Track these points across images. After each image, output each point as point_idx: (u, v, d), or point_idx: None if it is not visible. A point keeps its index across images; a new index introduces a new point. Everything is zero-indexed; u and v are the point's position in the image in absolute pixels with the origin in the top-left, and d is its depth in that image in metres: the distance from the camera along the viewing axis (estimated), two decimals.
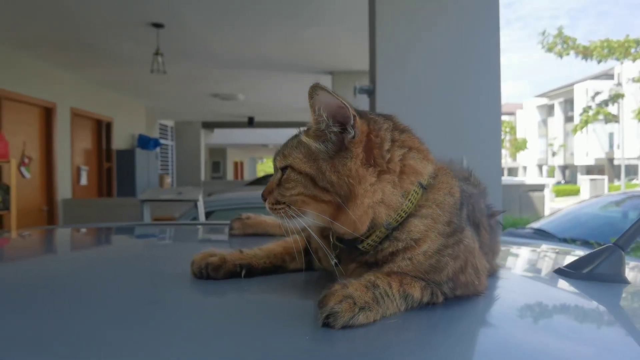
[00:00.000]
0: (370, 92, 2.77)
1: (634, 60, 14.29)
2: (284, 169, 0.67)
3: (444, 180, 0.69)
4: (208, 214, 4.02)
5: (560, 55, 14.13)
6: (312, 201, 0.64)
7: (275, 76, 8.11)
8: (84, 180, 8.33)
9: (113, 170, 9.35)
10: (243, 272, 0.75)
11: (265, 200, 0.69)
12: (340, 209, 0.62)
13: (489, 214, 0.82)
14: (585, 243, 3.83)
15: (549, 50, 14.17)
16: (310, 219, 0.65)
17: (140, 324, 0.57)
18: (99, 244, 1.37)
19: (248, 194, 5.31)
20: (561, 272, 0.87)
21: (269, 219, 1.16)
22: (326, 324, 0.53)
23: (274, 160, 0.71)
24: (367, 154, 0.63)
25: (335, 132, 0.64)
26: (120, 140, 9.67)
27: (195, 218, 3.91)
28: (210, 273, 0.74)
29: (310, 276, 0.80)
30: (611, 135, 31.49)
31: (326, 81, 7.87)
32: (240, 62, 7.12)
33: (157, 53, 5.73)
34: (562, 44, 14.05)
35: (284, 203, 0.66)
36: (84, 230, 1.58)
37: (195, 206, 3.74)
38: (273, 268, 0.79)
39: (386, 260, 0.65)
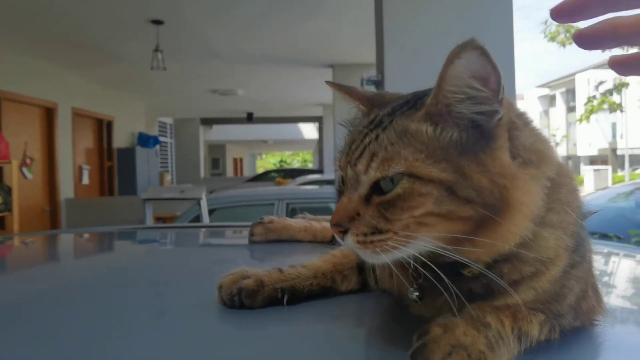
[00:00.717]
0: (379, 83, 2.69)
1: (639, 47, 14.17)
2: (385, 180, 0.43)
3: (564, 171, 0.50)
4: (210, 212, 3.98)
5: (563, 45, 14.03)
6: (441, 221, 0.43)
7: (275, 70, 8.02)
8: (85, 180, 8.29)
9: (114, 169, 9.32)
10: (285, 298, 0.59)
11: (343, 231, 0.46)
12: (483, 225, 0.43)
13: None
14: (603, 236, 3.77)
15: (552, 39, 14.07)
16: (420, 246, 0.44)
17: None
18: (103, 257, 1.28)
19: (250, 191, 5.26)
20: None
21: (295, 222, 1.01)
22: None
23: (349, 170, 0.47)
24: (511, 141, 0.45)
25: (483, 112, 0.43)
26: (120, 139, 9.62)
27: (198, 216, 3.86)
28: (244, 300, 0.57)
29: (368, 299, 0.63)
30: (614, 125, 31.37)
31: (326, 75, 7.79)
32: (239, 56, 7.04)
33: (156, 50, 5.66)
34: (565, 33, 13.96)
35: (389, 231, 0.44)
36: (86, 235, 1.51)
37: (198, 204, 3.67)
38: (321, 290, 0.62)
39: (501, 291, 0.46)
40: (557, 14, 0.40)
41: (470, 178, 0.42)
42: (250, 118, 13.42)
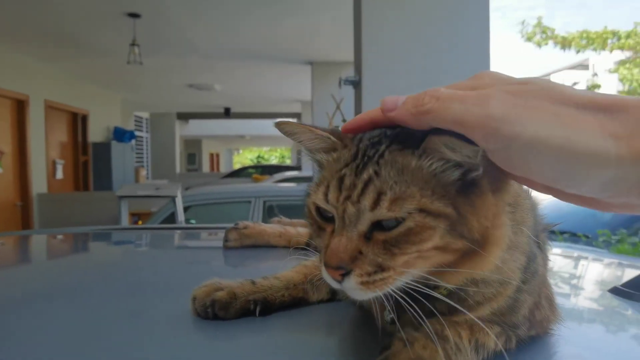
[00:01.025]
0: (356, 84, 2.72)
1: (611, 51, 14.59)
2: (397, 219, 0.42)
3: (519, 193, 0.52)
4: (185, 209, 3.95)
5: (539, 45, 14.32)
6: (438, 254, 0.43)
7: (253, 66, 7.98)
8: (59, 174, 8.11)
9: (89, 164, 9.13)
10: (258, 309, 0.60)
11: (343, 273, 0.43)
12: (466, 256, 0.44)
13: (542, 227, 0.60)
14: (573, 235, 3.86)
15: (529, 39, 14.35)
16: (409, 278, 0.45)
17: None
18: (77, 259, 1.27)
19: (226, 188, 5.23)
20: (618, 293, 0.72)
21: (270, 228, 1.01)
22: None
23: (348, 206, 0.44)
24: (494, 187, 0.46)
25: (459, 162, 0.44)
26: (96, 133, 9.43)
27: (173, 213, 3.83)
28: (217, 312, 0.59)
29: (337, 310, 0.65)
30: None
31: (305, 71, 7.79)
32: (217, 51, 6.98)
33: (133, 44, 5.57)
34: (541, 34, 14.24)
35: (391, 269, 0.43)
36: (60, 237, 1.49)
37: (174, 202, 3.65)
38: (293, 301, 0.63)
39: (463, 310, 0.47)
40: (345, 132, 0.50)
41: (464, 216, 0.42)
42: (227, 113, 13.30)
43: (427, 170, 0.43)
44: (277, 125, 0.50)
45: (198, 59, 7.44)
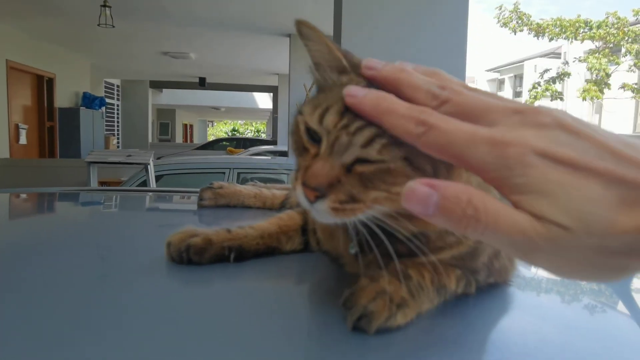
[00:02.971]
0: None
1: (582, 40, 14.91)
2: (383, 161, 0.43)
3: None
4: (157, 178, 3.88)
5: (514, 31, 14.51)
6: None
7: (230, 36, 7.80)
8: (23, 140, 7.82)
9: (55, 130, 8.82)
10: (232, 256, 0.62)
11: (317, 196, 0.44)
12: None
13: None
14: None
15: (505, 25, 14.52)
16: (376, 211, 0.46)
17: (103, 323, 0.45)
18: (42, 218, 1.24)
19: (200, 158, 5.15)
20: None
21: (245, 189, 1.01)
22: (357, 327, 0.43)
23: (342, 134, 0.44)
24: None
25: None
26: (63, 99, 9.09)
27: (145, 182, 3.76)
28: (192, 257, 0.60)
29: (311, 258, 0.68)
30: None
31: (283, 44, 7.66)
32: (193, 18, 6.77)
33: (104, 5, 5.36)
34: (517, 20, 14.41)
35: (361, 202, 0.44)
36: (24, 196, 1.44)
37: (146, 170, 3.58)
38: (267, 250, 0.66)
39: (423, 253, 0.50)
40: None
41: (438, 176, 0.43)
42: (202, 83, 13.02)
43: None
44: (298, 23, 0.49)
45: (173, 26, 7.21)
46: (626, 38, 14.58)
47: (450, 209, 0.31)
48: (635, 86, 16.04)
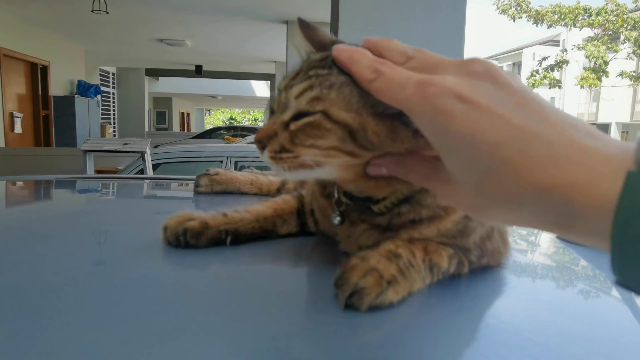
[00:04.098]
0: None
1: (581, 27, 14.85)
2: (305, 113, 0.49)
3: None
4: (154, 167, 3.87)
5: (513, 18, 14.45)
6: (341, 155, 0.49)
7: (227, 22, 7.72)
8: (18, 128, 7.76)
9: (50, 118, 8.76)
10: (229, 239, 0.63)
11: (262, 147, 0.52)
12: None
13: None
14: None
15: (504, 12, 14.44)
16: (322, 173, 0.51)
17: (102, 305, 0.46)
18: (37, 200, 1.24)
19: (197, 147, 5.13)
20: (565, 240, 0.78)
21: (241, 175, 1.02)
22: (350, 305, 0.45)
23: (283, 93, 0.52)
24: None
25: None
26: (58, 87, 9.02)
27: (142, 170, 3.75)
28: (189, 240, 0.61)
29: (306, 241, 0.69)
30: (552, 100, 32.93)
31: (281, 31, 7.60)
32: (189, 5, 6.70)
33: None
34: (516, 7, 14.34)
35: (293, 152, 0.50)
36: (20, 183, 1.43)
37: (142, 158, 3.56)
38: (263, 233, 0.67)
39: (404, 227, 0.55)
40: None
41: (367, 133, 0.47)
42: (199, 71, 12.92)
43: (354, 89, 0.47)
44: (300, 20, 0.58)
45: (168, 12, 7.14)
46: (625, 25, 14.53)
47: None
48: (634, 74, 16.03)
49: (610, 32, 15.14)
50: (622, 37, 15.16)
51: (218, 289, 0.52)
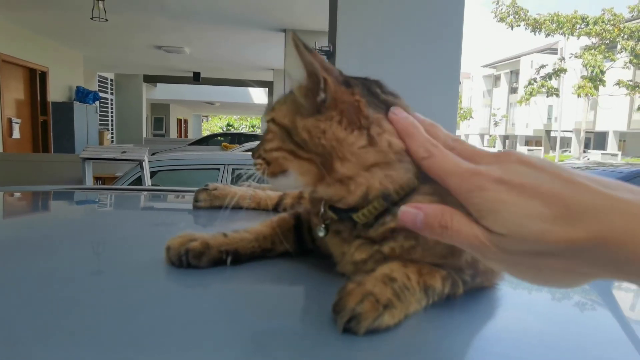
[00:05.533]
0: (330, 54, 2.68)
1: (578, 36, 14.97)
2: (268, 123, 0.61)
3: None
4: (152, 175, 3.87)
5: (511, 26, 14.55)
6: (291, 157, 0.57)
7: (225, 30, 7.75)
8: (16, 134, 7.75)
9: (49, 124, 8.75)
10: (229, 259, 0.65)
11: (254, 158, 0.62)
12: (325, 168, 0.56)
13: None
14: None
15: (502, 20, 14.55)
16: (292, 180, 0.58)
17: (108, 322, 0.47)
18: (37, 217, 1.23)
19: (195, 155, 5.13)
20: None
21: (239, 190, 1.04)
22: (347, 330, 0.46)
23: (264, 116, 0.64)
24: (349, 119, 0.56)
25: (311, 90, 0.57)
26: (56, 92, 9.02)
27: (140, 178, 3.75)
28: (191, 261, 0.63)
29: (302, 263, 0.70)
30: (550, 108, 33.10)
31: (279, 39, 7.63)
32: (188, 12, 6.72)
33: None
34: (514, 15, 14.45)
35: (264, 159, 0.60)
36: (18, 194, 1.42)
37: (140, 166, 3.56)
38: (262, 252, 0.69)
39: (387, 237, 0.57)
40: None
41: (298, 130, 0.56)
42: (197, 78, 12.95)
43: (294, 99, 0.58)
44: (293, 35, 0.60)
45: (167, 19, 7.16)
46: (622, 34, 14.64)
47: (430, 223, 0.44)
48: (630, 83, 16.12)
49: (607, 42, 15.25)
50: (618, 47, 15.27)
51: (217, 308, 0.53)
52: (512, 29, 14.58)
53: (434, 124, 0.52)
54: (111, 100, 13.22)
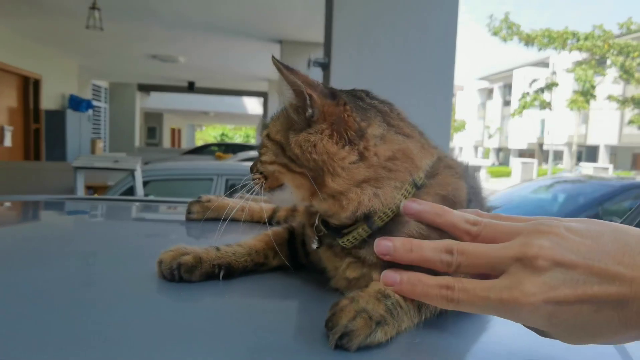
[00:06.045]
0: (325, 66, 2.69)
1: (570, 51, 15.17)
2: (264, 138, 0.64)
3: (446, 181, 0.60)
4: (144, 184, 3.83)
5: (505, 40, 14.73)
6: (286, 171, 0.59)
7: (220, 40, 7.77)
8: (8, 142, 7.68)
9: (41, 132, 8.68)
10: (222, 273, 0.65)
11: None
12: (317, 183, 0.57)
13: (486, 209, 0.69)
14: None
15: (495, 34, 14.75)
16: (289, 194, 0.61)
17: (98, 338, 0.46)
18: (28, 227, 1.21)
19: (188, 164, 5.10)
20: None
21: (233, 202, 1.04)
22: (340, 346, 0.46)
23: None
24: (339, 132, 0.57)
25: (300, 107, 0.60)
26: (49, 100, 8.97)
27: (132, 187, 3.71)
28: (183, 275, 0.63)
29: (295, 278, 0.70)
30: (543, 122, 33.39)
31: (274, 50, 7.65)
32: (183, 22, 6.74)
33: (93, 7, 5.30)
34: (507, 29, 14.64)
35: (261, 173, 0.62)
36: (8, 204, 1.40)
37: (132, 176, 3.53)
38: (255, 267, 0.69)
39: (374, 264, 0.57)
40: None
41: (290, 145, 0.58)
42: (191, 87, 12.93)
43: (287, 115, 0.62)
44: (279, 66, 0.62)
45: (162, 29, 7.17)
46: (611, 50, 14.86)
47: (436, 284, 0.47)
48: (620, 98, 16.33)
49: (598, 57, 15.46)
50: (608, 62, 15.49)
51: (210, 324, 0.53)
52: (505, 42, 14.75)
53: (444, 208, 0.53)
54: (105, 108, 13.16)
